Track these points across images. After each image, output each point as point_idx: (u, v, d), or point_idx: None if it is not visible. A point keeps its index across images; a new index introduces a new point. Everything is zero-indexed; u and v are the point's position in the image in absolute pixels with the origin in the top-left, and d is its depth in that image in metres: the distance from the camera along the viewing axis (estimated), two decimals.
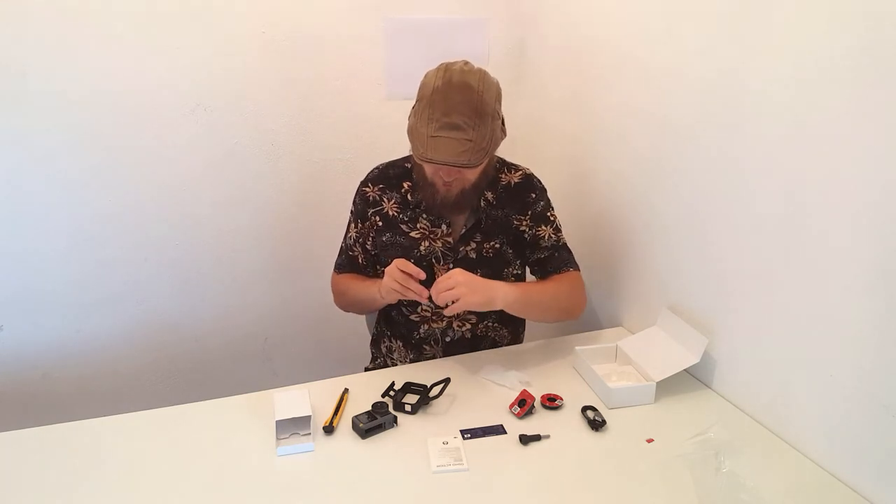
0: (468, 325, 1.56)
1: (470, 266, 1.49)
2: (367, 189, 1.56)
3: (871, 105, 1.00)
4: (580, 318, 1.89)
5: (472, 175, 1.42)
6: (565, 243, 1.61)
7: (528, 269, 1.64)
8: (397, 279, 1.35)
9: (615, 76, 1.66)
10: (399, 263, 1.36)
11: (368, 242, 1.57)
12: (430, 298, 1.36)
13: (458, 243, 1.52)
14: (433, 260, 1.51)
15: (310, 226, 2.05)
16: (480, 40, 2.05)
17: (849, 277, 1.06)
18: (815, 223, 1.11)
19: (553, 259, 1.57)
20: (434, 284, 1.35)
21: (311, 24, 1.86)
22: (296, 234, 2.05)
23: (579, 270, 1.60)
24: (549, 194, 1.62)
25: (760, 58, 1.19)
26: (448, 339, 1.57)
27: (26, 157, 1.70)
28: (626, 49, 1.60)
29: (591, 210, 1.83)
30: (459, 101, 1.31)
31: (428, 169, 1.42)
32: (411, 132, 1.36)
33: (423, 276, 1.34)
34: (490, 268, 1.52)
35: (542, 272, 1.59)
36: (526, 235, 1.56)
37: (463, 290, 1.33)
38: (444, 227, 1.51)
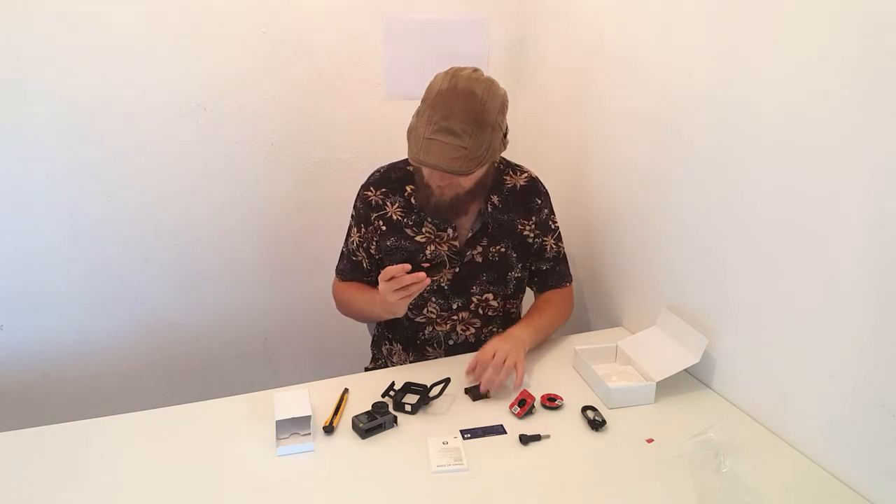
0: (472, 330, 1.57)
1: (475, 270, 1.50)
2: (369, 193, 1.55)
3: (870, 106, 1.00)
4: (580, 319, 1.90)
5: (465, 182, 1.40)
6: (564, 254, 1.64)
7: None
8: (394, 289, 1.29)
9: (615, 77, 1.66)
10: (383, 278, 1.30)
11: (373, 247, 1.56)
12: (427, 274, 1.30)
13: (464, 247, 1.51)
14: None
15: (310, 226, 2.05)
16: (480, 40, 2.04)
17: (848, 277, 1.06)
18: (814, 223, 1.11)
19: (554, 273, 1.62)
20: (486, 380, 1.32)
21: (311, 24, 1.86)
22: (296, 234, 2.05)
23: (573, 281, 1.66)
24: (549, 195, 1.62)
25: (759, 59, 1.19)
26: (451, 343, 1.57)
27: (26, 157, 1.70)
28: (625, 50, 1.60)
29: (590, 210, 1.83)
30: (460, 108, 1.29)
31: (423, 171, 1.41)
32: (410, 132, 1.36)
33: (408, 267, 1.29)
34: (495, 271, 1.52)
35: (542, 285, 1.63)
36: (531, 242, 1.57)
37: (513, 355, 1.35)
38: (450, 231, 1.51)
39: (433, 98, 1.33)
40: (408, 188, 1.53)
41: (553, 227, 1.61)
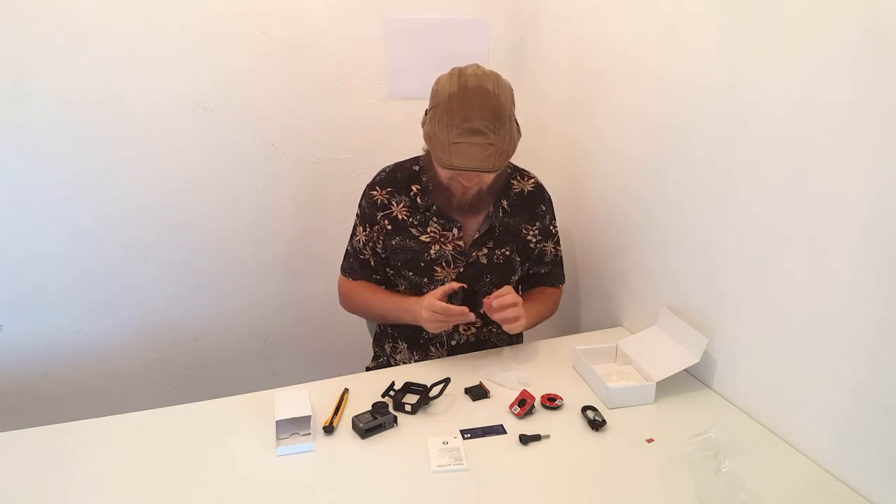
0: (473, 330, 1.57)
1: (479, 271, 1.50)
2: (375, 192, 1.54)
3: (870, 107, 1.00)
4: (580, 319, 1.90)
5: (489, 178, 1.42)
6: (561, 257, 1.67)
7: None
8: (439, 316, 1.38)
9: (614, 77, 1.66)
10: (433, 307, 1.37)
11: (379, 246, 1.55)
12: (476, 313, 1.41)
13: (469, 248, 1.52)
14: (443, 264, 1.51)
15: (310, 226, 2.05)
16: (480, 40, 2.04)
17: (849, 277, 1.06)
18: (814, 223, 1.11)
19: (550, 276, 1.66)
20: (496, 297, 1.40)
21: (311, 24, 1.86)
22: (296, 234, 2.05)
23: (564, 282, 1.71)
24: (552, 201, 1.63)
25: (759, 61, 1.19)
26: (454, 343, 1.57)
27: (27, 158, 1.70)
28: (625, 50, 1.60)
29: (590, 210, 1.83)
30: (478, 106, 1.31)
31: (444, 174, 1.41)
32: (430, 138, 1.36)
33: (454, 287, 1.41)
34: (499, 274, 1.53)
35: (536, 285, 1.66)
36: (533, 247, 1.59)
37: (521, 311, 1.40)
38: (455, 230, 1.51)
39: (446, 102, 1.33)
40: (413, 188, 1.53)
41: (554, 232, 1.63)
